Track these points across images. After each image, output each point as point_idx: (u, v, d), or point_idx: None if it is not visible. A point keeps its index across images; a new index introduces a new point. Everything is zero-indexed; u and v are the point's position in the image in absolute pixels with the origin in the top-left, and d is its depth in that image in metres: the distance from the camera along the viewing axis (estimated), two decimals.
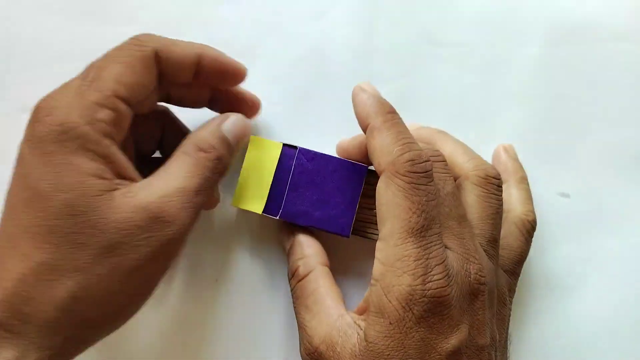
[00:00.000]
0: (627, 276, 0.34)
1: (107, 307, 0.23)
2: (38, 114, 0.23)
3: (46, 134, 0.22)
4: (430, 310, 0.23)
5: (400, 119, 0.26)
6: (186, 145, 0.25)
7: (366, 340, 0.23)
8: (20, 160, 0.23)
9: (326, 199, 0.29)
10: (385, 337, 0.23)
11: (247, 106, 0.31)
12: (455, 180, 0.28)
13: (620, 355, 0.33)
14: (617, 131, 0.34)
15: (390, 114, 0.25)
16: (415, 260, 0.23)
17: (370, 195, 0.29)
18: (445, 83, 0.34)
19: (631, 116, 0.34)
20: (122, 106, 0.24)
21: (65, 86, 0.24)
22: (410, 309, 0.22)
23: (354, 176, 0.29)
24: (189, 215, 0.24)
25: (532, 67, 0.35)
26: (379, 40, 0.34)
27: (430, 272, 0.23)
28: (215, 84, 0.29)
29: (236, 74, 0.29)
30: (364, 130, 0.26)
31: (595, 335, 0.33)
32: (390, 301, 0.23)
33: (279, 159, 0.30)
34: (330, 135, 0.32)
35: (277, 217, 0.29)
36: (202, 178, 0.24)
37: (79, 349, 0.24)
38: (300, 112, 0.34)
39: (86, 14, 0.34)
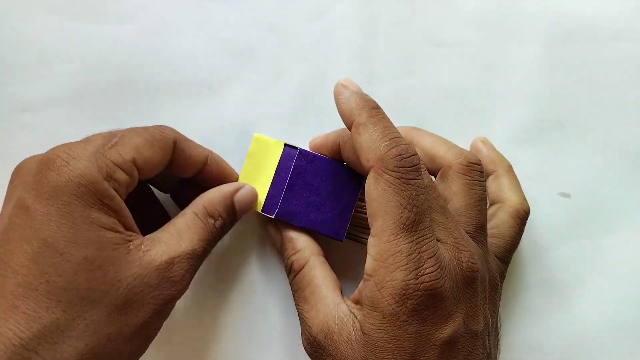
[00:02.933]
0: (627, 276, 0.34)
1: None
2: (53, 163, 0.23)
3: (64, 184, 0.22)
4: (424, 303, 0.23)
5: (384, 114, 0.26)
6: (197, 206, 0.27)
7: (362, 331, 0.24)
8: (24, 211, 0.22)
9: (323, 201, 0.29)
10: (379, 330, 0.23)
11: (227, 181, 0.30)
12: (438, 172, 0.29)
13: (620, 355, 0.33)
14: (617, 131, 0.34)
15: (374, 109, 0.25)
16: (407, 255, 0.23)
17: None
18: (445, 83, 0.34)
19: (631, 116, 0.34)
20: (135, 174, 0.25)
21: (86, 142, 0.24)
22: (404, 303, 0.23)
23: (352, 181, 0.29)
24: (191, 276, 0.25)
25: (532, 67, 0.35)
26: (379, 40, 0.34)
27: (423, 265, 0.23)
28: (206, 182, 0.30)
29: (230, 179, 0.30)
30: (349, 127, 0.26)
31: (594, 335, 0.33)
32: (383, 296, 0.23)
33: (280, 158, 0.30)
34: None
35: (273, 216, 0.29)
36: (208, 244, 0.26)
37: None
38: (300, 112, 0.34)
39: (86, 14, 0.34)
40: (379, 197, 0.24)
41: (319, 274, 0.28)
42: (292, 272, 0.29)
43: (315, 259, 0.28)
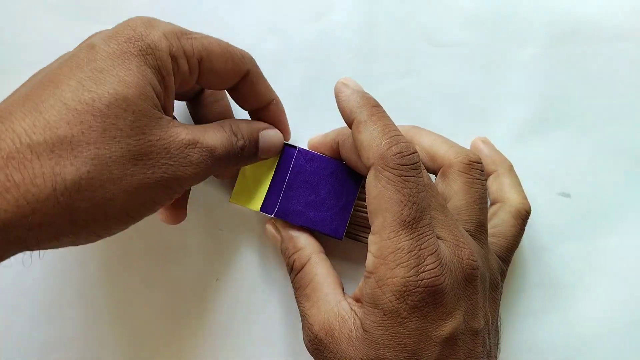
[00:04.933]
0: (627, 276, 0.34)
1: (98, 209, 0.22)
2: (135, 22, 0.24)
3: (136, 40, 0.23)
4: (424, 300, 0.23)
5: (385, 112, 0.26)
6: (225, 123, 0.27)
7: (362, 329, 0.24)
8: (90, 47, 0.23)
9: (322, 200, 0.29)
10: (379, 327, 0.23)
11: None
12: (439, 170, 0.29)
13: (620, 355, 0.33)
14: (617, 131, 0.34)
15: (375, 107, 0.26)
16: (408, 252, 0.23)
17: (365, 199, 0.30)
18: (445, 83, 0.34)
19: (631, 116, 0.34)
20: (195, 72, 0.26)
21: (168, 23, 0.26)
22: (405, 300, 0.23)
23: (350, 180, 0.29)
24: (203, 172, 0.25)
25: (532, 67, 0.35)
26: (379, 40, 0.34)
27: (423, 262, 0.23)
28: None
29: (283, 135, 0.31)
30: (349, 126, 0.26)
31: (594, 335, 0.33)
32: (384, 293, 0.23)
33: (279, 157, 0.30)
34: None
35: (272, 216, 0.29)
36: (225, 152, 0.26)
37: (48, 244, 0.22)
38: (300, 112, 0.34)
39: (86, 14, 0.34)
40: (379, 194, 0.24)
41: (320, 271, 0.28)
42: (294, 271, 0.29)
43: (316, 257, 0.28)
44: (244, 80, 0.28)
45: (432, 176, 0.30)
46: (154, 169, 0.23)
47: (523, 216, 0.30)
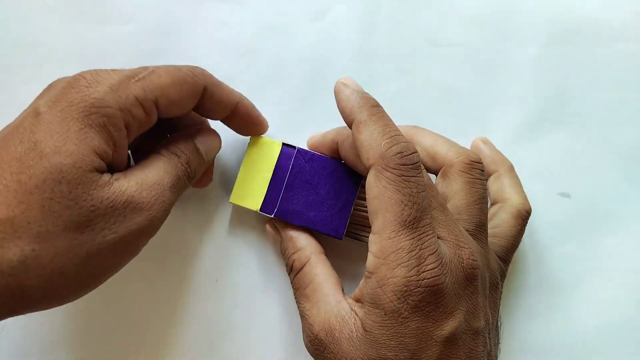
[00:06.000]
0: (627, 276, 0.34)
1: (50, 284, 0.22)
2: (78, 82, 0.23)
3: (78, 102, 0.23)
4: (425, 300, 0.23)
5: (385, 112, 0.26)
6: (161, 149, 0.27)
7: (363, 328, 0.24)
8: (34, 115, 0.23)
9: (321, 200, 0.29)
10: (381, 326, 0.23)
11: (256, 128, 0.31)
12: (439, 170, 0.29)
13: (620, 355, 0.33)
14: (617, 131, 0.34)
15: (375, 107, 0.26)
16: (408, 252, 0.23)
17: (365, 198, 0.30)
18: (445, 83, 0.34)
19: (631, 116, 0.34)
20: (154, 113, 0.25)
21: (114, 71, 0.24)
22: (405, 300, 0.23)
23: (350, 179, 0.29)
24: (160, 208, 0.25)
25: (532, 67, 0.35)
26: (378, 40, 0.34)
27: (424, 262, 0.23)
28: (234, 127, 0.30)
29: (260, 128, 0.31)
30: (349, 125, 0.26)
31: (594, 335, 0.33)
32: (385, 293, 0.23)
33: (278, 157, 0.30)
34: None
35: (272, 216, 0.29)
36: (174, 177, 0.26)
37: (6, 316, 0.22)
38: (300, 112, 0.34)
39: (86, 14, 0.34)
40: (380, 194, 0.24)
41: (320, 272, 0.28)
42: (293, 271, 0.29)
43: (316, 257, 0.28)
44: (204, 97, 0.27)
45: (432, 176, 0.30)
46: (104, 232, 0.23)
47: (523, 216, 0.30)
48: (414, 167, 0.24)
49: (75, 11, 0.34)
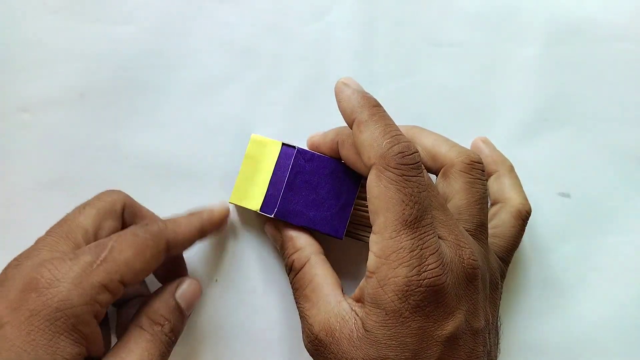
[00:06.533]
0: (626, 276, 0.34)
1: None
2: (37, 283, 0.22)
3: (41, 309, 0.22)
4: (426, 300, 0.23)
5: (385, 111, 0.26)
6: (141, 319, 0.26)
7: (364, 329, 0.24)
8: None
9: (321, 200, 0.29)
10: (381, 326, 0.23)
11: (222, 226, 0.31)
12: (440, 170, 0.29)
13: (620, 355, 0.33)
14: (618, 131, 0.34)
15: (375, 107, 0.26)
16: (409, 252, 0.23)
17: (365, 198, 0.29)
18: (445, 83, 0.34)
19: (631, 116, 0.34)
20: (121, 291, 0.24)
21: (74, 258, 0.23)
22: (407, 300, 0.23)
23: (350, 179, 0.29)
24: None
25: (532, 67, 0.35)
26: (379, 41, 0.34)
27: (425, 262, 0.23)
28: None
29: (224, 221, 0.31)
30: (350, 125, 0.26)
31: (594, 335, 0.33)
32: (386, 293, 0.23)
33: (278, 157, 0.30)
34: None
35: (272, 216, 0.29)
36: (159, 355, 0.25)
37: None
38: (300, 112, 0.34)
39: (86, 14, 0.34)
40: (381, 194, 0.24)
41: (320, 272, 0.28)
42: (293, 271, 0.29)
43: (315, 257, 0.28)
44: (167, 250, 0.26)
45: (433, 176, 0.30)
46: None
47: (523, 217, 0.30)
48: (415, 166, 0.24)
49: (75, 11, 0.34)
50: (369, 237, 0.29)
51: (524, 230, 0.31)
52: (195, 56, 0.34)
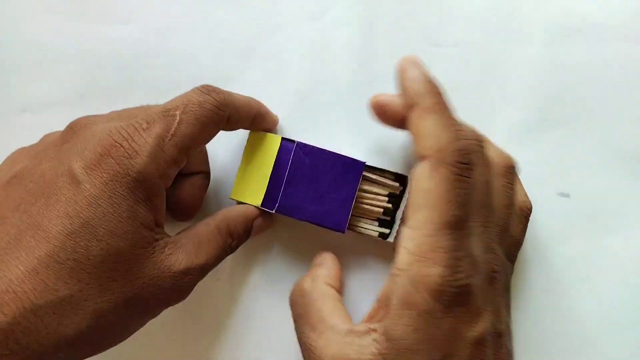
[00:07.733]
0: (627, 276, 0.34)
1: (93, 349, 0.24)
2: (115, 151, 0.23)
3: (121, 177, 0.23)
4: (458, 300, 0.22)
5: (449, 102, 0.25)
6: (222, 223, 0.28)
7: (388, 340, 0.23)
8: (75, 185, 0.23)
9: (322, 193, 0.29)
10: (414, 329, 0.22)
11: (269, 126, 0.32)
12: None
13: (620, 355, 0.33)
14: (617, 131, 0.34)
15: (442, 96, 0.25)
16: (447, 252, 0.22)
17: (366, 190, 0.29)
18: (445, 83, 0.34)
19: (631, 116, 0.34)
20: (184, 162, 0.26)
21: (146, 131, 0.24)
22: (440, 300, 0.22)
23: (351, 172, 0.29)
24: (192, 288, 0.26)
25: (532, 67, 0.35)
26: (378, 40, 0.34)
27: (459, 262, 0.22)
28: (249, 128, 0.31)
29: (272, 125, 0.32)
30: (408, 108, 0.25)
31: (595, 335, 0.33)
32: (418, 291, 0.22)
33: (278, 152, 0.30)
34: (330, 135, 0.32)
35: (273, 211, 0.29)
36: (218, 258, 0.27)
37: None
38: (300, 112, 0.34)
39: (86, 14, 0.34)
40: (430, 189, 0.23)
41: (329, 303, 0.27)
42: (300, 291, 0.28)
43: (329, 289, 0.28)
44: (226, 123, 0.27)
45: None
46: (147, 306, 0.24)
47: (526, 214, 0.30)
48: (470, 167, 0.23)
49: (75, 11, 0.34)
50: (371, 230, 0.29)
51: (526, 228, 0.31)
52: (195, 56, 0.34)
